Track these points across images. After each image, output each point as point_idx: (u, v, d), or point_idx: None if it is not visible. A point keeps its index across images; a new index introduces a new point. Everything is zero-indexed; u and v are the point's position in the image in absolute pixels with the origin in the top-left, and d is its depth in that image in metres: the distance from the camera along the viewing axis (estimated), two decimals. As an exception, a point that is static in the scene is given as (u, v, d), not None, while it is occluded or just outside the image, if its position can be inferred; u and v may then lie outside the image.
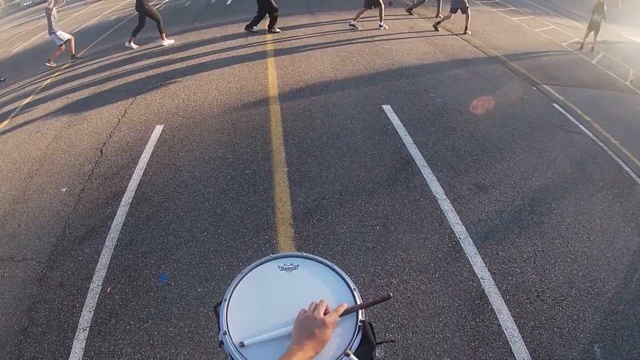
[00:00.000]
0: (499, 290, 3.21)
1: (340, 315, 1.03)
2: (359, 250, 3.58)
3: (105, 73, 7.99)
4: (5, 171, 5.02)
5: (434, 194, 4.25)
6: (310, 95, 6.46)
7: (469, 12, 9.31)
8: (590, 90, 7.23)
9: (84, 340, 2.93)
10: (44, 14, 8.74)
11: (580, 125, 5.77)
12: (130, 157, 5.04)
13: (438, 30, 9.69)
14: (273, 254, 1.24)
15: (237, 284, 1.15)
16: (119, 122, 5.94)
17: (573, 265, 3.45)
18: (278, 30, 9.63)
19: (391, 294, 1.09)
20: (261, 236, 3.75)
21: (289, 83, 6.90)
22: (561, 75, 7.61)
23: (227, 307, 1.09)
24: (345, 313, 1.04)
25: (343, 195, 4.24)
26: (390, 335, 2.87)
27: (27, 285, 3.41)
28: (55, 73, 8.39)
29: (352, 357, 0.98)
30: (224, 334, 1.02)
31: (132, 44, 9.38)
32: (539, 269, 3.41)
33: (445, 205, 4.10)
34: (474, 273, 3.36)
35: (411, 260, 3.47)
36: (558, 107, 6.27)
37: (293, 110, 6.00)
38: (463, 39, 9.33)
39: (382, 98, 6.30)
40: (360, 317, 1.05)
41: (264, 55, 8.28)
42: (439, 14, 10.80)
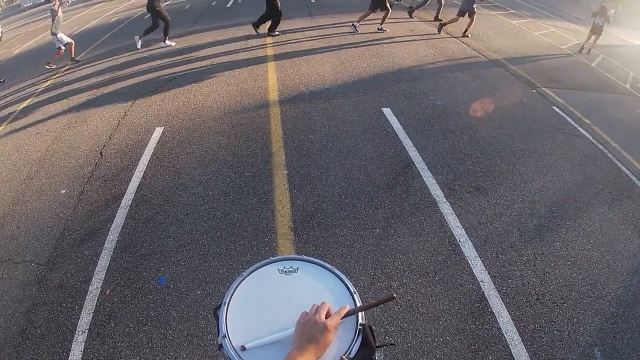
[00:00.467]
0: (499, 294, 3.21)
1: (344, 317, 1.02)
2: (358, 253, 3.57)
3: (106, 75, 8.01)
4: (5, 173, 5.01)
5: (434, 197, 4.25)
6: (310, 98, 6.46)
7: (475, 17, 9.36)
8: (589, 93, 7.25)
9: (83, 343, 2.92)
10: (49, 15, 8.71)
11: (580, 128, 5.78)
12: (130, 160, 5.04)
13: (440, 33, 9.70)
14: (273, 257, 1.24)
15: (237, 287, 1.15)
16: (119, 124, 5.94)
17: (573, 268, 3.45)
18: (277, 33, 9.65)
19: (395, 295, 1.08)
20: (261, 239, 3.74)
21: (289, 86, 6.91)
22: (561, 78, 7.63)
23: (227, 311, 1.08)
24: (347, 315, 1.03)
25: (343, 198, 4.23)
26: (390, 338, 2.86)
27: (26, 287, 3.40)
28: (55, 75, 8.40)
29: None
30: (224, 337, 1.02)
31: (138, 44, 9.47)
32: (538, 272, 3.41)
33: (445, 208, 4.10)
34: (474, 276, 3.35)
35: (411, 264, 3.47)
36: (558, 110, 6.28)
37: (293, 113, 6.00)
38: (463, 42, 9.34)
39: (382, 101, 6.31)
40: (360, 321, 1.05)
41: (264, 58, 8.29)
42: (438, 17, 10.81)
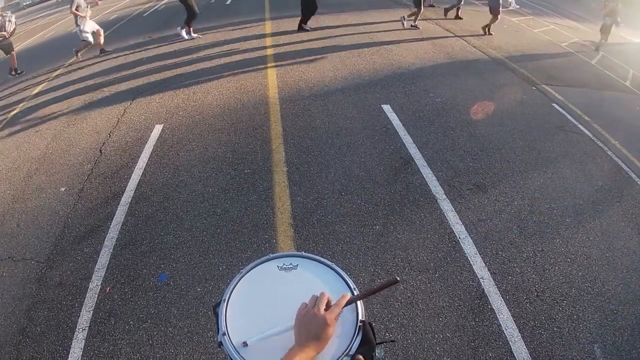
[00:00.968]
0: (499, 290, 3.21)
1: (345, 305, 1.00)
2: (358, 249, 3.57)
3: (105, 73, 7.99)
4: (5, 171, 5.01)
5: (434, 193, 4.25)
6: (310, 94, 6.45)
7: (498, 16, 9.45)
8: (589, 91, 7.23)
9: (83, 340, 2.92)
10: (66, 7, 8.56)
11: (580, 126, 5.77)
12: (130, 157, 5.04)
13: (491, 34, 9.66)
14: (272, 254, 1.23)
15: (236, 284, 1.15)
16: (118, 122, 5.93)
17: (573, 265, 3.45)
18: (308, 28, 9.68)
19: (398, 278, 1.04)
20: (261, 236, 3.74)
21: (289, 83, 6.89)
22: (561, 76, 7.61)
23: (226, 308, 1.08)
24: (348, 303, 1.01)
25: (343, 195, 4.23)
26: (390, 335, 2.87)
27: (26, 285, 3.40)
28: (54, 73, 8.38)
29: (359, 357, 0.97)
30: (223, 334, 1.01)
31: (192, 34, 9.55)
32: (538, 268, 3.41)
33: (445, 205, 4.10)
34: (474, 273, 3.36)
35: (411, 260, 3.47)
36: (557, 107, 6.26)
37: (293, 109, 5.99)
38: (463, 39, 9.32)
39: (382, 98, 6.29)
40: (360, 317, 1.05)
41: (263, 55, 8.27)
42: (458, 15, 10.91)
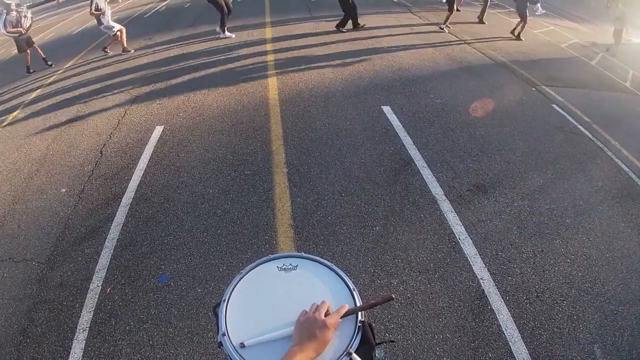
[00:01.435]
0: (499, 291, 3.21)
1: (342, 317, 1.03)
2: (358, 250, 3.58)
3: (106, 74, 8.00)
4: (5, 172, 5.02)
5: (434, 194, 4.26)
6: (310, 96, 6.46)
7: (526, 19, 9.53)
8: (589, 92, 7.24)
9: (84, 341, 2.93)
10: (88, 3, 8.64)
11: (580, 126, 5.77)
12: (130, 158, 5.05)
13: (522, 39, 9.65)
14: (272, 255, 1.24)
15: (236, 285, 1.15)
16: (119, 123, 5.95)
17: (572, 266, 3.46)
18: (344, 30, 9.74)
19: (393, 296, 1.09)
20: (261, 237, 3.75)
21: (289, 84, 6.90)
22: (560, 77, 7.61)
23: (226, 308, 1.09)
24: (346, 314, 1.04)
25: (343, 196, 4.24)
26: (390, 335, 2.87)
27: (27, 286, 3.41)
28: (55, 74, 8.40)
29: (355, 357, 0.98)
30: (223, 335, 1.02)
31: (227, 33, 9.56)
32: (538, 269, 3.42)
33: (445, 205, 4.10)
34: (474, 273, 3.36)
35: (411, 261, 3.47)
36: (557, 108, 6.27)
37: (293, 111, 6.00)
38: (464, 41, 9.33)
39: (382, 99, 6.30)
40: (360, 318, 1.05)
41: (264, 57, 8.29)
42: (483, 19, 10.95)
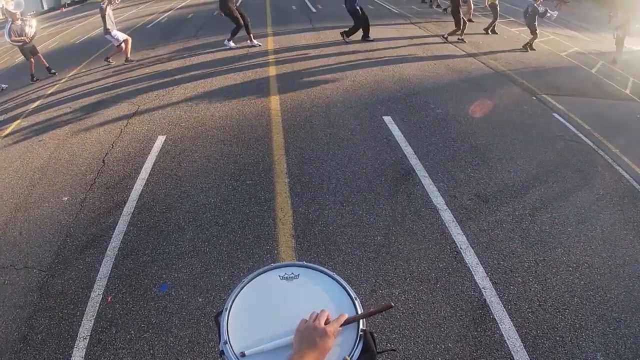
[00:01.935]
0: (501, 300, 3.20)
1: (342, 325, 1.03)
2: (360, 260, 3.57)
3: (109, 83, 8.08)
4: (8, 180, 5.04)
5: (435, 204, 4.26)
6: (312, 106, 6.50)
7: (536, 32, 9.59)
8: (589, 100, 7.27)
9: (84, 349, 2.92)
10: (98, 13, 8.78)
11: (580, 134, 5.79)
12: (133, 167, 5.07)
13: (534, 49, 9.70)
14: (274, 264, 1.24)
15: (238, 294, 1.15)
16: (121, 132, 5.99)
17: (575, 274, 3.44)
18: (348, 40, 9.88)
19: (392, 304, 1.09)
20: (262, 246, 3.75)
21: (291, 94, 6.95)
22: (561, 85, 7.66)
23: (228, 317, 1.09)
24: (346, 323, 1.04)
25: (344, 206, 4.24)
26: (392, 344, 2.85)
27: (28, 293, 3.41)
28: (57, 83, 8.47)
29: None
30: (225, 343, 1.02)
31: (231, 43, 9.71)
32: (540, 278, 3.40)
33: (446, 215, 4.10)
34: (476, 283, 3.35)
35: (412, 271, 3.47)
36: (558, 117, 6.30)
37: (294, 121, 6.04)
38: (464, 50, 9.41)
39: (383, 109, 6.34)
40: (361, 327, 1.06)
41: (266, 67, 8.36)
42: (492, 29, 11.03)
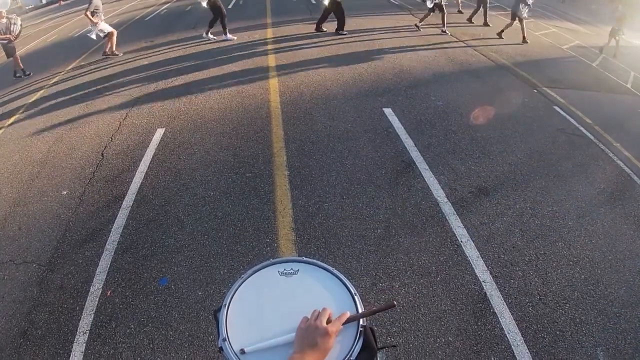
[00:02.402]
0: (501, 294, 3.19)
1: (343, 324, 1.02)
2: (360, 253, 3.56)
3: (107, 76, 8.02)
4: (7, 174, 5.02)
5: (436, 197, 4.24)
6: (312, 98, 6.46)
7: (522, 23, 9.48)
8: (591, 93, 7.23)
9: (84, 344, 2.91)
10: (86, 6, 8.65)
11: (581, 128, 5.76)
12: (131, 161, 5.05)
13: (527, 42, 9.62)
14: (273, 259, 1.23)
15: (237, 289, 1.14)
16: (120, 126, 5.95)
17: (575, 268, 3.44)
18: (345, 33, 9.71)
19: (395, 303, 1.07)
20: (262, 239, 3.74)
21: (290, 86, 6.91)
22: (562, 78, 7.61)
23: (227, 313, 1.08)
24: (348, 321, 1.03)
25: (344, 199, 4.23)
26: (392, 339, 2.86)
27: (27, 288, 3.40)
28: (56, 77, 8.42)
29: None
30: (224, 340, 1.01)
31: (209, 36, 9.68)
32: (541, 272, 3.40)
33: (447, 208, 4.09)
34: (476, 276, 3.34)
35: (413, 264, 3.46)
36: (559, 110, 6.26)
37: (294, 113, 6.00)
38: (465, 43, 9.34)
39: (383, 101, 6.30)
40: (361, 323, 1.05)
41: (265, 59, 8.30)
42: (486, 21, 10.97)
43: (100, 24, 8.69)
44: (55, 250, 3.78)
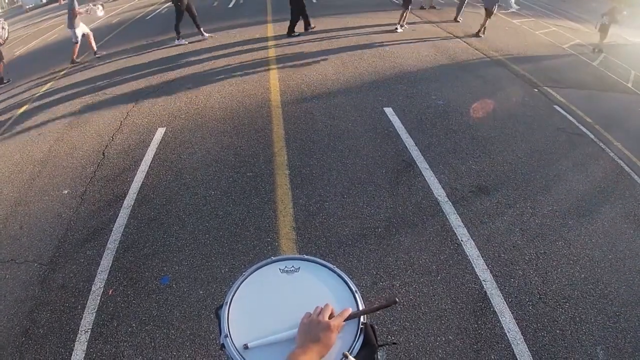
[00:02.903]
0: (501, 293, 3.20)
1: (345, 320, 1.03)
2: (360, 252, 3.57)
3: (108, 76, 8.02)
4: (8, 173, 5.03)
5: (436, 196, 4.25)
6: (312, 98, 6.46)
7: (489, 17, 9.47)
8: (591, 92, 7.23)
9: (86, 343, 2.93)
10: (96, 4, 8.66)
11: (582, 127, 5.76)
12: (133, 160, 5.05)
13: (481, 36, 9.63)
14: (274, 257, 1.24)
15: (239, 287, 1.15)
16: (121, 125, 5.96)
17: (575, 267, 3.44)
18: (297, 33, 9.68)
19: (397, 299, 1.08)
20: (263, 238, 3.75)
21: (291, 86, 6.91)
22: (562, 77, 7.61)
23: (229, 310, 1.09)
24: (350, 318, 1.04)
25: (345, 198, 4.23)
26: (392, 337, 2.86)
27: (29, 287, 3.41)
28: (57, 76, 8.42)
29: (351, 358, 0.98)
30: (226, 337, 1.02)
31: (205, 34, 9.72)
32: (541, 271, 3.41)
33: (447, 207, 4.09)
34: (476, 275, 3.35)
35: (413, 263, 3.47)
36: (559, 109, 6.26)
37: (295, 112, 6.01)
38: (465, 41, 9.33)
39: (384, 101, 6.30)
40: (362, 320, 1.05)
41: (266, 58, 8.30)
42: (458, 18, 10.98)
43: (79, 26, 8.64)
44: (56, 249, 3.79)
